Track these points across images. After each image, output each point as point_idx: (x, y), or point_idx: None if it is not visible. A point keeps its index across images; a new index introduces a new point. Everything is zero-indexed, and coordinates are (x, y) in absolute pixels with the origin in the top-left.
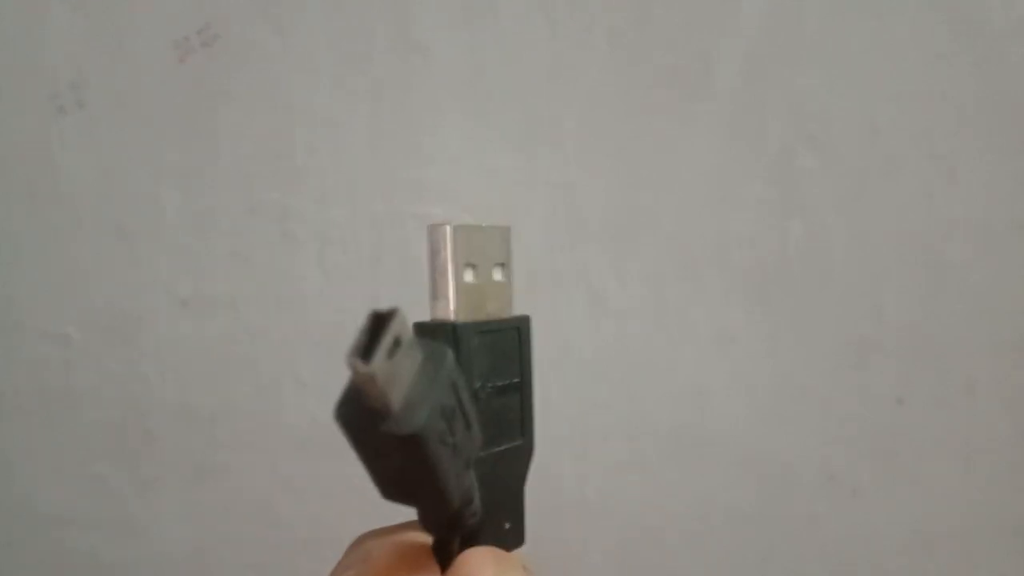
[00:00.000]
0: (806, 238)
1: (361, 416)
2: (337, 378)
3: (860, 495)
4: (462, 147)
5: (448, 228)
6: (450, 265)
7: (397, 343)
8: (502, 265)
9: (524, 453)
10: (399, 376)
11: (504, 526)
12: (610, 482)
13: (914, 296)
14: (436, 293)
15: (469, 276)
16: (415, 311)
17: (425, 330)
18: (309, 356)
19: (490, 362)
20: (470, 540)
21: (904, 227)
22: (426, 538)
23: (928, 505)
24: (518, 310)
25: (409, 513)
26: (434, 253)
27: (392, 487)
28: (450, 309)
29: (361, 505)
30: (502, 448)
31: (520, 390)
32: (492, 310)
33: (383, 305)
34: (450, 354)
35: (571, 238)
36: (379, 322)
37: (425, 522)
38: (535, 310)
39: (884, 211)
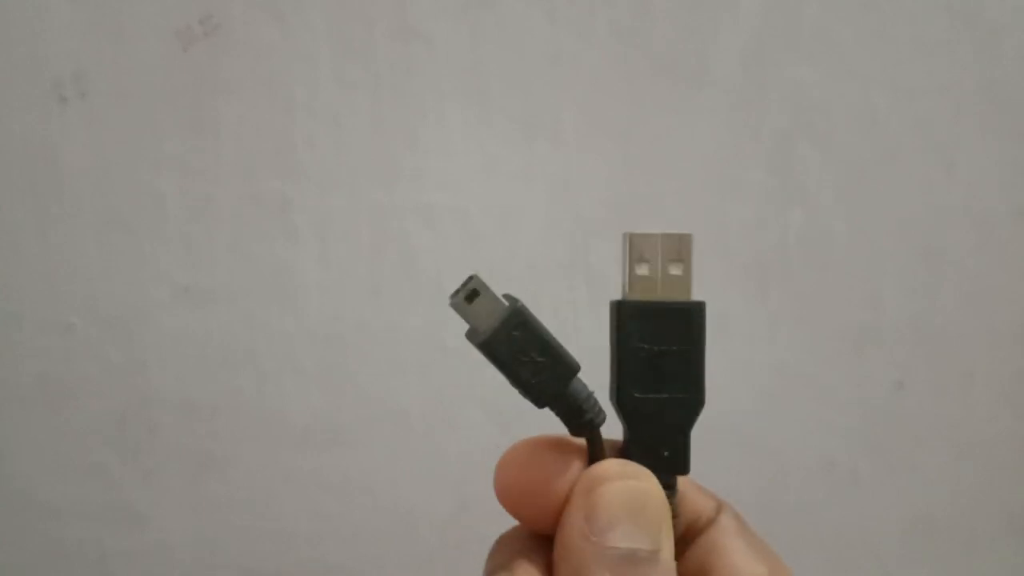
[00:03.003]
0: (805, 226)
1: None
2: (337, 368)
3: (858, 481)
4: (462, 137)
5: (625, 234)
6: (626, 261)
7: (474, 293)
8: (681, 262)
9: (689, 404)
10: (479, 315)
11: (663, 454)
12: None
13: (913, 284)
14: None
15: (643, 270)
16: (416, 301)
17: (611, 305)
18: (309, 347)
19: (653, 331)
20: (624, 454)
21: (903, 215)
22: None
23: (926, 491)
24: (521, 297)
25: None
26: (624, 253)
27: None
28: (623, 291)
29: (361, 496)
30: (663, 396)
31: (684, 356)
32: (664, 295)
33: (385, 296)
34: (524, 311)
35: (571, 226)
36: (468, 281)
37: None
38: (535, 298)
39: (883, 199)
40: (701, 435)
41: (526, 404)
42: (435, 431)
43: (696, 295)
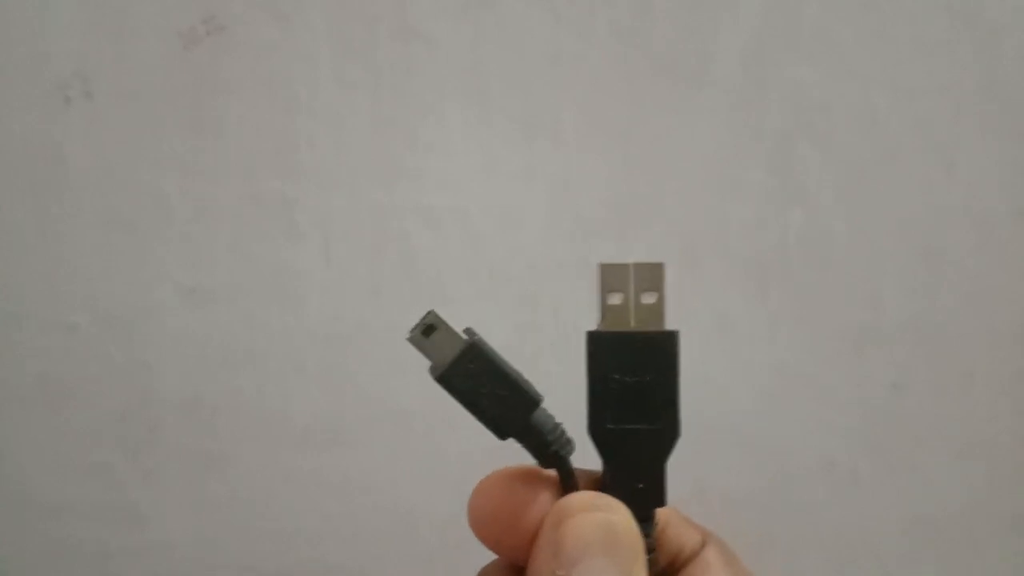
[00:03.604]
0: (805, 226)
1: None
2: (337, 368)
3: (858, 481)
4: (463, 137)
5: (597, 265)
6: (597, 291)
7: (431, 328)
8: (655, 291)
9: (663, 435)
10: (437, 349)
11: (637, 486)
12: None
13: (913, 284)
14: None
15: (616, 299)
16: (417, 301)
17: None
18: (310, 346)
19: (626, 361)
20: (601, 487)
21: (903, 215)
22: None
23: (926, 491)
24: (522, 297)
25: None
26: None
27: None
28: (597, 322)
29: (361, 495)
30: (637, 427)
31: (658, 386)
32: (637, 325)
33: (385, 296)
34: (481, 345)
35: (572, 227)
36: (425, 317)
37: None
38: (536, 298)
39: (883, 199)
40: (701, 435)
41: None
42: (435, 431)
43: (696, 293)
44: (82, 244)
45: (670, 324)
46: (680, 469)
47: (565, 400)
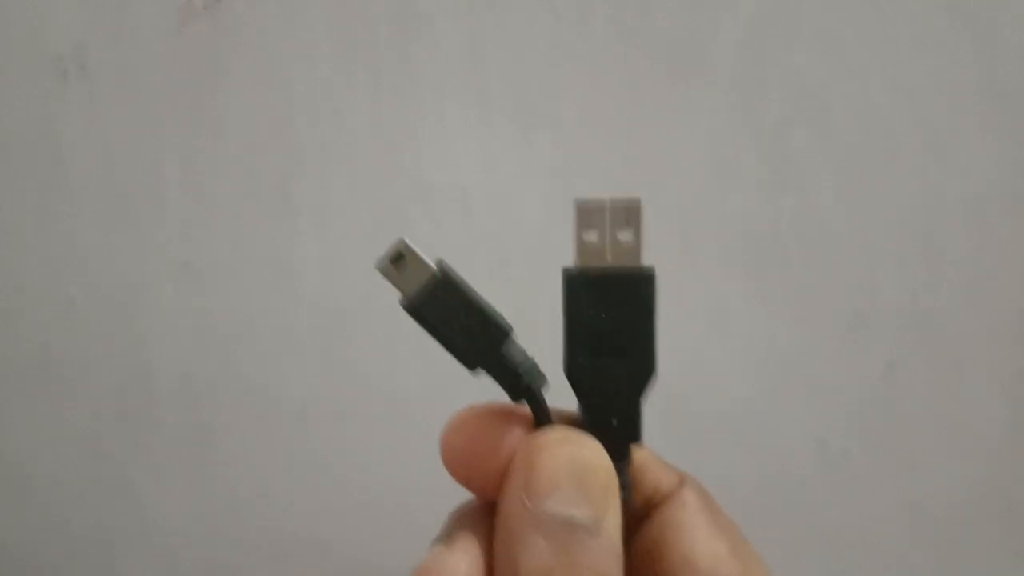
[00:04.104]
0: (801, 215)
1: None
2: (334, 347)
3: (851, 465)
4: (462, 125)
5: (573, 201)
6: (573, 229)
7: (399, 256)
8: (631, 228)
9: (639, 372)
10: (405, 278)
11: (612, 423)
12: None
13: (906, 271)
14: None
15: (592, 236)
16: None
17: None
18: (307, 325)
19: (602, 299)
20: (577, 425)
21: (897, 204)
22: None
23: (918, 476)
24: (522, 287)
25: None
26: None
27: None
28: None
29: (357, 473)
30: (613, 364)
31: (634, 324)
32: (613, 261)
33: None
34: (450, 273)
35: (569, 212)
36: (395, 244)
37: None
38: (534, 287)
39: (878, 189)
40: (696, 419)
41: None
42: (432, 409)
43: (692, 279)
44: (79, 220)
45: (661, 309)
46: (675, 452)
47: (561, 382)
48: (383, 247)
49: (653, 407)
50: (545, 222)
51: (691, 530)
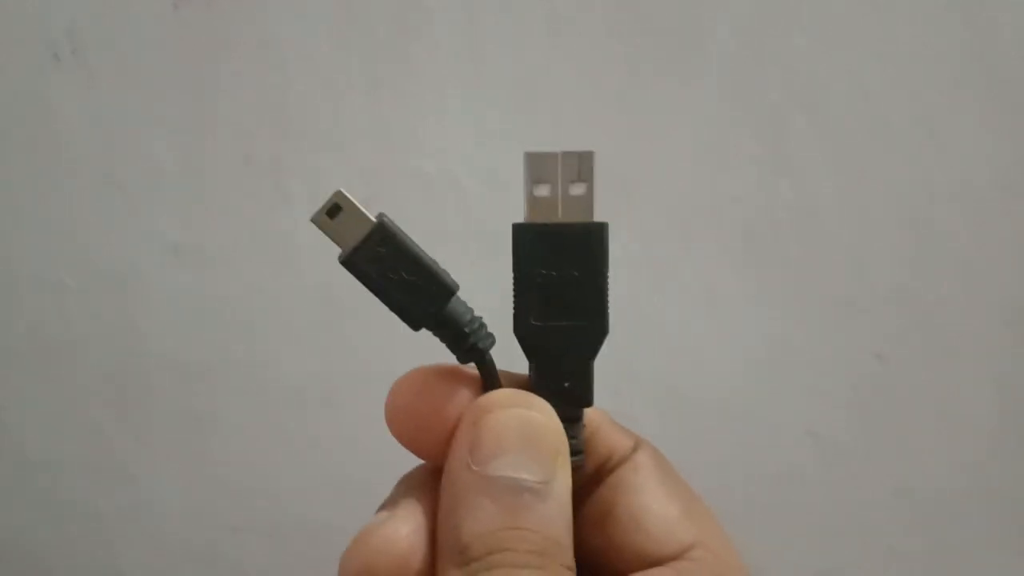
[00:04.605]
0: (795, 198)
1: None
2: (329, 329)
3: (841, 450)
4: (457, 104)
5: (523, 153)
6: (524, 182)
7: (336, 208)
8: (584, 182)
9: (591, 332)
10: (344, 232)
11: (563, 385)
12: None
13: (899, 256)
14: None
15: (543, 191)
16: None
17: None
18: (301, 308)
19: (553, 255)
20: (528, 387)
21: (891, 189)
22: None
23: (908, 460)
24: (510, 262)
25: None
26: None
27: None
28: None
29: (352, 455)
30: (563, 324)
31: (586, 281)
32: (565, 217)
33: None
34: (390, 227)
35: None
36: (332, 196)
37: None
38: None
39: (872, 173)
40: (686, 402)
41: (516, 362)
42: None
43: (685, 262)
44: (72, 203)
45: (654, 292)
46: (664, 436)
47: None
48: None
49: (643, 387)
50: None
51: (643, 493)
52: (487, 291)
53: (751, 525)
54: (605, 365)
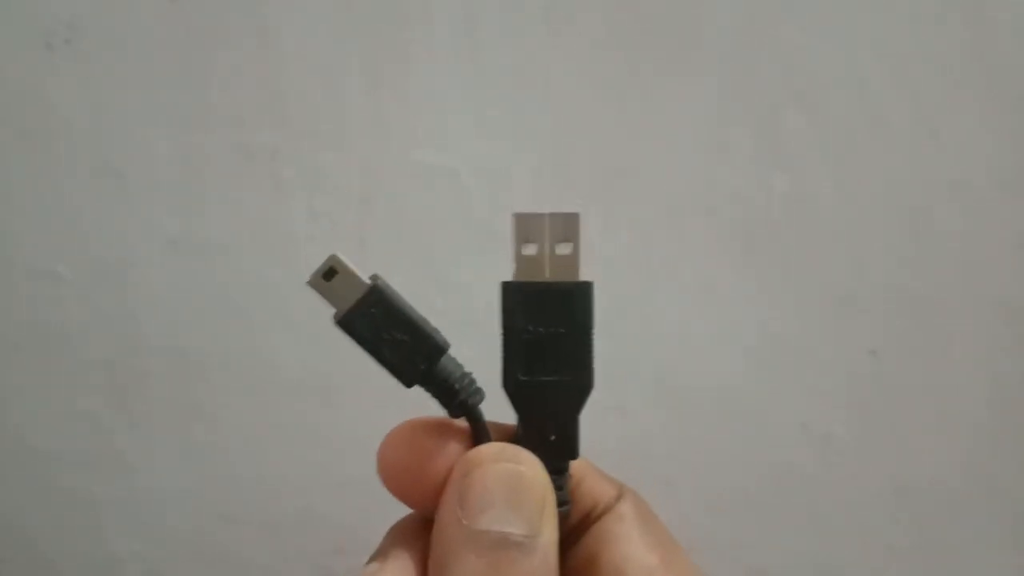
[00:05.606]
0: (791, 193)
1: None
2: (326, 320)
3: (836, 445)
4: (455, 95)
5: (511, 215)
6: (512, 242)
7: (332, 271)
8: (570, 242)
9: (576, 388)
10: (338, 293)
11: (549, 438)
12: (588, 426)
13: (896, 251)
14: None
15: (530, 250)
16: (404, 255)
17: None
18: (299, 299)
19: (540, 313)
20: (515, 440)
21: (888, 183)
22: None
23: (903, 457)
24: (508, 255)
25: None
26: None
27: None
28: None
29: (349, 447)
30: (550, 379)
31: (572, 338)
32: (552, 276)
33: (372, 249)
34: (384, 289)
35: (559, 188)
36: (327, 260)
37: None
38: None
39: (869, 168)
40: (682, 397)
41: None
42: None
43: (681, 257)
44: (68, 193)
45: (650, 286)
46: (659, 430)
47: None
48: (376, 223)
49: (638, 381)
50: (537, 201)
51: (625, 543)
52: (484, 285)
53: (748, 521)
54: (603, 361)
